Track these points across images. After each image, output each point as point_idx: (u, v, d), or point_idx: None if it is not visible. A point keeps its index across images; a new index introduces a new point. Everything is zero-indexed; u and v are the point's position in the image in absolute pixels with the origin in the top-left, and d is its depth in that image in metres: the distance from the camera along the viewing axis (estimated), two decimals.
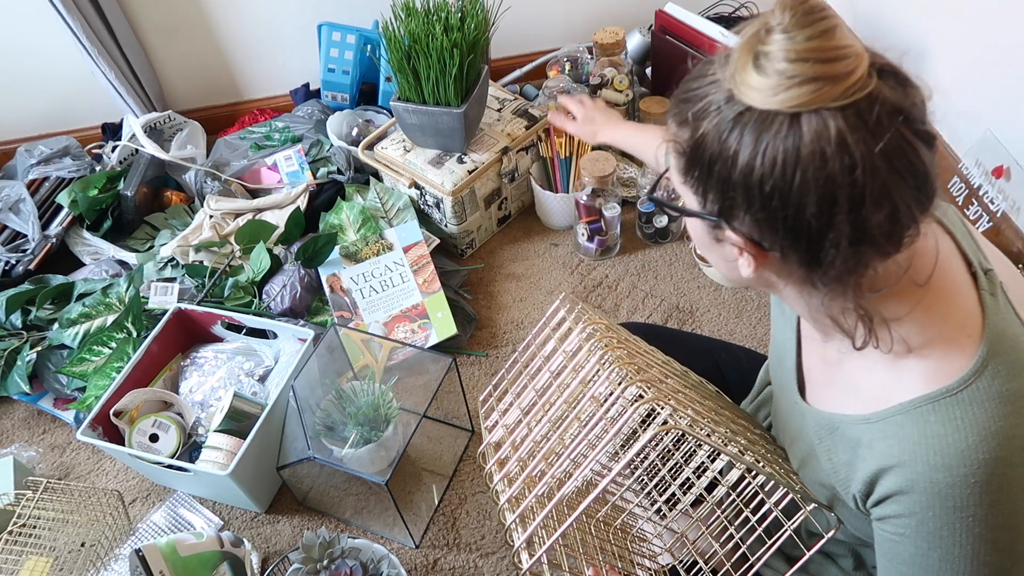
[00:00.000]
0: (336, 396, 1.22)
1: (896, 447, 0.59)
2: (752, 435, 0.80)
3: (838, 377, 0.69)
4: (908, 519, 0.60)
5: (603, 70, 1.74)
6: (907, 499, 0.59)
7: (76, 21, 1.72)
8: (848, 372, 0.67)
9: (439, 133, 1.53)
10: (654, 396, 0.66)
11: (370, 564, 1.10)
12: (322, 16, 1.88)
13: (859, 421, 0.64)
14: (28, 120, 2.00)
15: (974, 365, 0.58)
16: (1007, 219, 1.42)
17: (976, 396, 0.57)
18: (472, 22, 1.41)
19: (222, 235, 1.62)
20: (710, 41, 1.57)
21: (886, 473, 0.60)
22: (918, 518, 0.59)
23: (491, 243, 1.72)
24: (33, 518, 1.21)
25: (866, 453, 0.62)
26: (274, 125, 1.87)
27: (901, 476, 0.59)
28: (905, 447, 0.58)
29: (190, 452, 1.28)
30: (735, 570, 0.76)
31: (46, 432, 1.47)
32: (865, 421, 0.63)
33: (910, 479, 0.58)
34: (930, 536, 0.59)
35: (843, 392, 0.68)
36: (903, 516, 0.60)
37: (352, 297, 1.50)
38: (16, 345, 1.48)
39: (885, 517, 0.62)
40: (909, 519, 0.60)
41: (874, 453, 0.61)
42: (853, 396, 0.66)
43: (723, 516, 0.83)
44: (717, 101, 0.54)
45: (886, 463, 0.60)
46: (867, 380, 0.65)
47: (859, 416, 0.64)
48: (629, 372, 0.70)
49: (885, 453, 0.60)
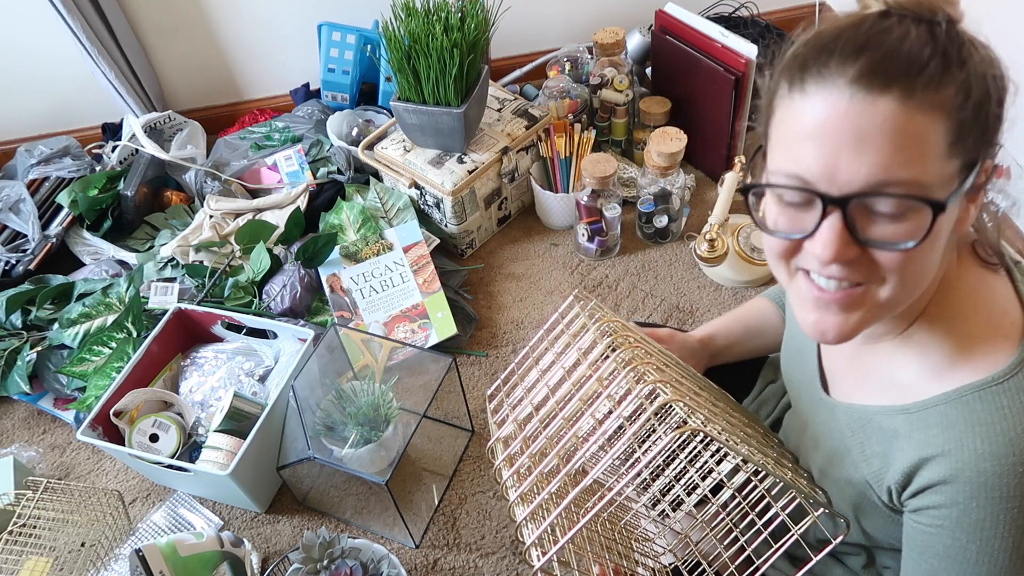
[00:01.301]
0: (336, 396, 1.22)
1: (940, 436, 0.58)
2: (761, 439, 0.80)
3: (869, 371, 0.68)
4: (948, 509, 0.59)
5: (603, 70, 1.74)
6: (949, 489, 0.58)
7: (76, 21, 1.72)
8: (881, 365, 0.67)
9: (439, 133, 1.53)
10: (673, 396, 0.65)
11: (370, 564, 1.10)
12: (322, 16, 1.88)
13: (896, 412, 0.63)
14: (28, 120, 2.00)
15: (1020, 353, 0.58)
16: (1007, 219, 1.42)
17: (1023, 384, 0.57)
18: (472, 22, 1.41)
19: (222, 235, 1.62)
20: (710, 41, 1.57)
21: (928, 463, 0.59)
22: (960, 508, 0.58)
23: (491, 243, 1.72)
24: (33, 518, 1.21)
25: (904, 444, 0.61)
26: (274, 125, 1.87)
27: (945, 465, 0.58)
28: (950, 436, 0.58)
29: (190, 452, 1.28)
30: (739, 572, 0.76)
31: (46, 432, 1.47)
32: (904, 412, 0.62)
33: (955, 468, 0.57)
34: (971, 527, 0.58)
35: (875, 385, 0.67)
36: (943, 507, 0.59)
37: (352, 297, 1.50)
38: (16, 345, 1.47)
39: (922, 508, 0.61)
40: (950, 509, 0.59)
41: (914, 443, 0.60)
42: (888, 388, 0.66)
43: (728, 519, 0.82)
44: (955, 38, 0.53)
45: (929, 453, 0.59)
46: (904, 371, 0.64)
47: (896, 407, 0.64)
48: (647, 371, 0.70)
49: (927, 443, 0.59)
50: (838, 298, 0.58)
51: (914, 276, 0.57)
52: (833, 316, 0.59)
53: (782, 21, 2.02)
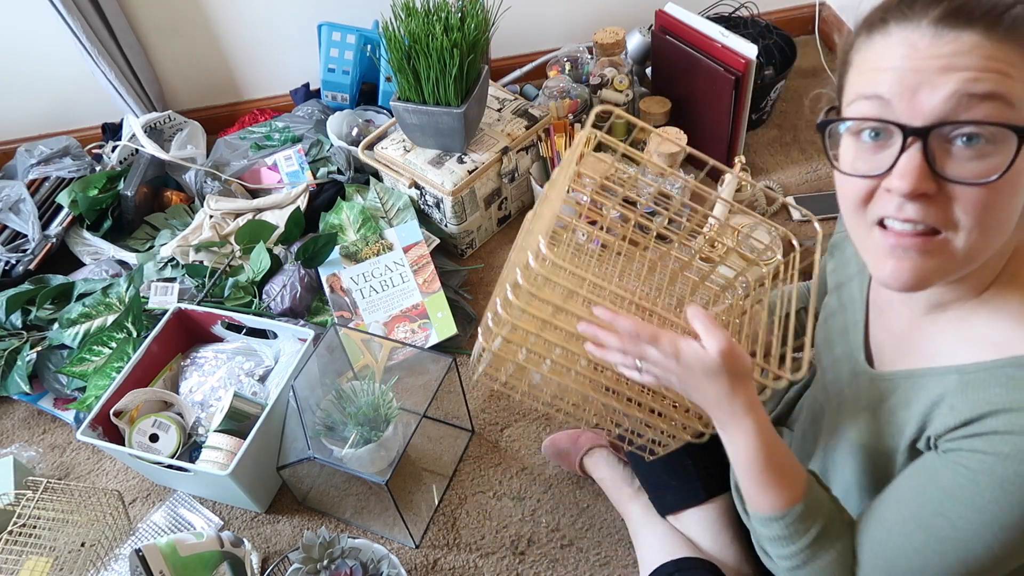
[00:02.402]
0: (336, 396, 1.22)
1: (1005, 395, 0.57)
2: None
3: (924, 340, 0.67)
4: (985, 456, 0.57)
5: (603, 70, 1.74)
6: (997, 439, 0.56)
7: (76, 21, 1.72)
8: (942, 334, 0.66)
9: (439, 133, 1.53)
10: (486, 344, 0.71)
11: (370, 564, 1.10)
12: (322, 16, 1.88)
13: (949, 372, 0.62)
14: (28, 120, 2.00)
15: None
16: None
17: None
18: (472, 22, 1.41)
19: (222, 235, 1.62)
20: (710, 41, 1.57)
21: (987, 417, 0.57)
22: (998, 459, 0.56)
23: (491, 243, 1.72)
24: (33, 518, 1.21)
25: (955, 401, 0.60)
26: (274, 125, 1.87)
27: (1006, 419, 0.56)
28: (1016, 395, 0.56)
29: (190, 452, 1.28)
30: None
31: (46, 432, 1.47)
32: (959, 372, 0.61)
33: (1013, 423, 0.55)
34: (998, 479, 0.56)
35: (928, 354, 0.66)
36: (979, 452, 0.57)
37: (352, 297, 1.50)
38: (16, 345, 1.48)
39: (955, 449, 0.60)
40: (986, 456, 0.57)
41: (968, 401, 0.59)
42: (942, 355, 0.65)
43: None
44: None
45: (990, 408, 0.57)
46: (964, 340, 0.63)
47: (949, 367, 0.62)
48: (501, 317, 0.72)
49: (988, 400, 0.57)
50: (916, 243, 0.57)
51: (992, 223, 0.55)
52: (910, 261, 0.58)
53: (782, 21, 2.02)
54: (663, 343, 0.67)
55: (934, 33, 0.53)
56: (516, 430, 1.36)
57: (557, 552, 1.20)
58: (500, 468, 1.31)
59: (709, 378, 0.67)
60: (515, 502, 1.27)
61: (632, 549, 1.13)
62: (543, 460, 1.31)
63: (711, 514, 1.01)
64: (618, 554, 1.18)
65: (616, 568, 1.17)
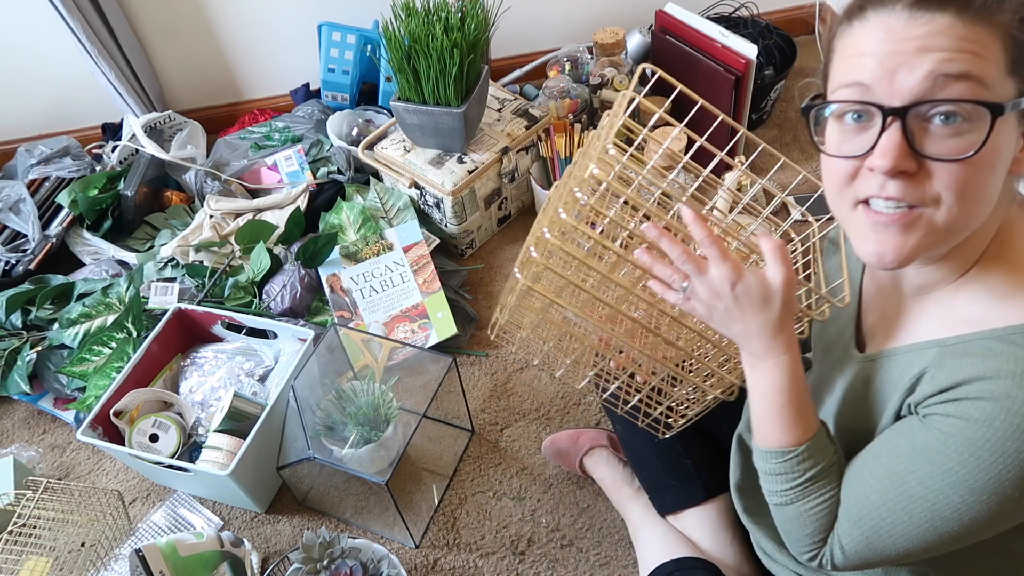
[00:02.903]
0: (336, 396, 1.22)
1: (980, 364, 0.58)
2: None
3: (913, 321, 0.69)
4: (957, 420, 0.58)
5: (603, 70, 1.74)
6: (971, 404, 0.57)
7: (76, 21, 1.72)
8: (928, 314, 0.67)
9: (439, 133, 1.53)
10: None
11: (370, 564, 1.10)
12: (322, 16, 1.88)
13: (930, 346, 0.63)
14: (28, 120, 2.00)
15: None
16: None
17: None
18: (472, 22, 1.41)
19: (222, 235, 1.62)
20: (710, 41, 1.57)
21: (962, 385, 0.58)
22: (968, 423, 0.57)
23: (491, 243, 1.72)
24: (33, 518, 1.21)
25: (935, 372, 0.61)
26: (274, 125, 1.87)
27: (979, 386, 0.57)
28: (991, 364, 0.57)
29: (190, 452, 1.28)
30: None
31: (46, 432, 1.47)
32: (940, 345, 0.63)
33: (987, 389, 0.57)
34: (967, 443, 0.57)
35: (914, 332, 0.68)
36: (952, 416, 0.59)
37: (352, 297, 1.50)
38: (16, 345, 1.48)
39: (934, 412, 0.61)
40: (958, 420, 0.58)
41: (946, 371, 0.60)
42: (927, 331, 0.66)
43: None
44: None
45: (966, 376, 0.58)
46: (946, 316, 0.65)
47: (930, 341, 0.64)
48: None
49: (965, 369, 0.59)
50: (896, 218, 0.59)
51: (971, 197, 0.57)
52: (892, 238, 0.60)
53: (782, 21, 2.02)
54: (728, 263, 0.67)
55: (909, 16, 0.55)
56: (516, 430, 1.36)
57: (557, 552, 1.20)
58: (500, 468, 1.31)
59: (764, 306, 0.67)
60: (515, 502, 1.27)
61: (632, 549, 1.13)
62: (543, 460, 1.31)
63: (711, 514, 1.01)
64: (618, 554, 1.18)
65: (616, 568, 1.17)
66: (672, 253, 0.68)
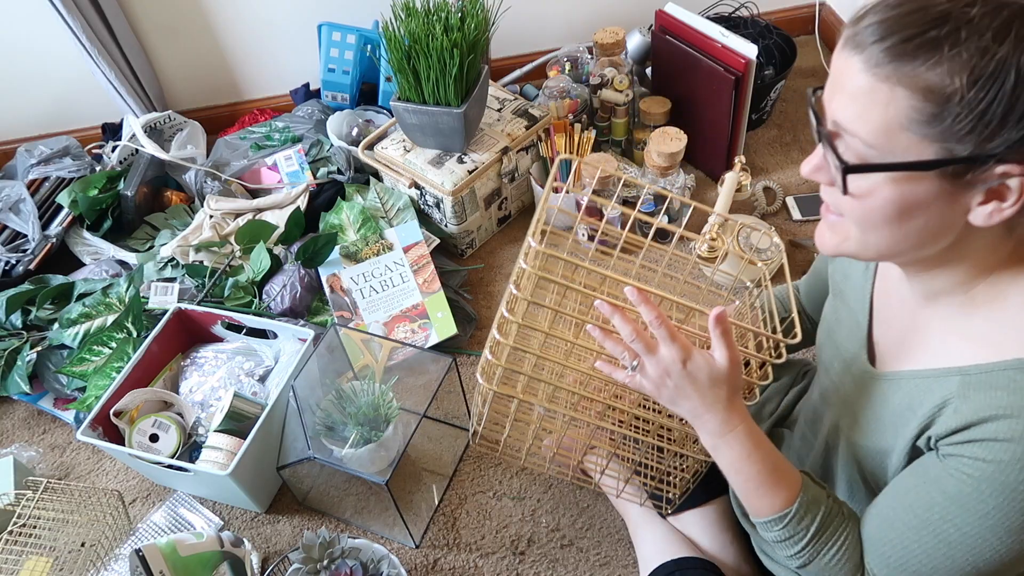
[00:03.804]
0: (336, 396, 1.22)
1: (1005, 399, 0.58)
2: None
3: (926, 338, 0.68)
4: (987, 464, 0.58)
5: (603, 70, 1.74)
6: (998, 447, 0.57)
7: (76, 21, 1.72)
8: (940, 329, 0.66)
9: (439, 133, 1.53)
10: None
11: (370, 564, 1.10)
12: (322, 16, 1.88)
13: (951, 374, 0.63)
14: (28, 120, 2.00)
15: None
16: None
17: None
18: (472, 22, 1.41)
19: (222, 235, 1.62)
20: (710, 41, 1.57)
21: (988, 422, 0.58)
22: (1000, 467, 0.57)
23: (491, 243, 1.72)
24: (33, 518, 1.21)
25: (959, 404, 0.61)
26: (274, 125, 1.87)
27: (1006, 425, 0.57)
28: (1016, 400, 0.57)
29: (190, 452, 1.28)
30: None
31: (46, 432, 1.47)
32: (961, 374, 0.62)
33: (1016, 430, 0.56)
34: (1002, 486, 0.57)
35: (930, 353, 0.67)
36: (982, 460, 0.58)
37: (352, 297, 1.50)
38: (16, 345, 1.48)
39: (958, 455, 0.61)
40: (989, 464, 0.58)
41: (971, 404, 0.60)
42: (944, 352, 0.65)
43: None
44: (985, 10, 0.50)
45: (990, 413, 0.58)
46: (964, 338, 0.64)
47: (951, 368, 0.63)
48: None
49: (989, 403, 0.58)
50: (824, 216, 0.66)
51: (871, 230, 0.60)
52: (823, 231, 0.66)
53: (782, 21, 2.02)
54: (677, 343, 0.69)
55: (841, 47, 0.57)
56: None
57: (557, 552, 1.20)
58: (500, 468, 1.31)
59: (712, 384, 0.70)
60: (515, 502, 1.27)
61: (632, 549, 1.14)
62: None
63: (711, 514, 1.02)
64: (618, 554, 1.18)
65: (616, 568, 1.17)
66: (623, 331, 0.71)
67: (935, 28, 0.51)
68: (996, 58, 0.49)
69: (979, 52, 0.50)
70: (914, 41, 0.51)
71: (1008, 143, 0.51)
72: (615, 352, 0.73)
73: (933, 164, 0.54)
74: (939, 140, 0.53)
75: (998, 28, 0.49)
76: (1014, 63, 0.49)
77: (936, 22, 0.51)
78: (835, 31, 2.04)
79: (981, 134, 0.51)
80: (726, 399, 0.71)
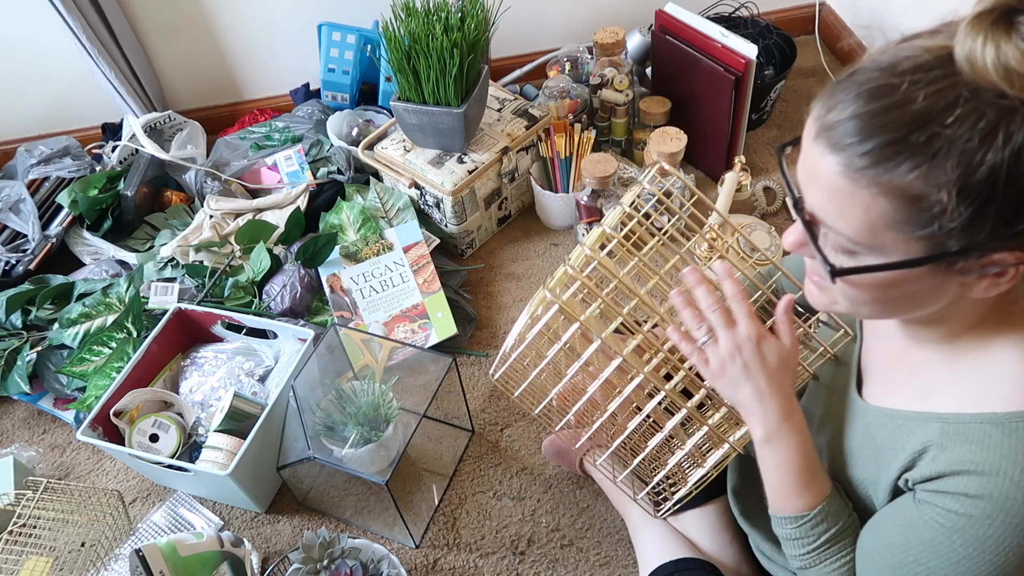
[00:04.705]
0: (336, 396, 1.22)
1: (979, 454, 0.58)
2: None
3: (911, 375, 0.68)
4: (959, 517, 0.59)
5: (603, 70, 1.74)
6: (970, 502, 0.58)
7: (76, 21, 1.72)
8: (925, 371, 0.66)
9: (439, 133, 1.53)
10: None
11: (370, 564, 1.10)
12: (322, 16, 1.88)
13: (931, 419, 0.63)
14: (28, 120, 2.00)
15: None
16: None
17: None
18: (472, 22, 1.41)
19: (222, 235, 1.62)
20: (710, 41, 1.57)
21: (960, 475, 0.59)
22: (972, 520, 0.58)
23: (491, 243, 1.72)
24: (33, 518, 1.21)
25: (937, 452, 0.61)
26: (274, 125, 1.86)
27: (976, 482, 0.58)
28: (989, 456, 0.58)
29: (190, 452, 1.28)
30: None
31: (46, 432, 1.47)
32: (940, 420, 0.62)
33: (985, 488, 0.57)
34: (972, 539, 0.59)
35: (914, 391, 0.67)
36: (954, 512, 0.59)
37: (352, 297, 1.50)
38: (16, 345, 1.48)
39: (932, 503, 0.61)
40: (960, 517, 0.59)
41: (948, 454, 0.60)
42: (926, 395, 0.65)
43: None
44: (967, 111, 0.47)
45: (963, 467, 0.59)
46: (947, 382, 0.64)
47: (932, 414, 0.63)
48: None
49: (963, 457, 0.59)
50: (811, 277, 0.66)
51: (858, 304, 0.60)
52: (812, 289, 0.66)
53: (782, 21, 2.02)
54: (755, 322, 0.69)
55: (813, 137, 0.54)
56: (516, 430, 1.36)
57: (557, 552, 1.20)
58: (500, 468, 1.31)
59: (779, 368, 0.70)
60: (515, 502, 1.27)
61: (632, 549, 1.14)
62: (543, 460, 1.31)
63: (710, 515, 1.02)
64: (618, 554, 1.18)
65: (616, 568, 1.17)
66: (705, 301, 0.70)
67: (915, 132, 0.48)
68: (985, 165, 0.47)
69: (967, 158, 0.47)
70: (895, 147, 0.49)
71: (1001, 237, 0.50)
72: (690, 322, 0.72)
73: (924, 260, 0.53)
74: (929, 238, 0.51)
75: (984, 132, 0.47)
76: (1003, 165, 0.47)
77: (915, 124, 0.48)
78: (835, 31, 2.04)
79: (971, 232, 0.50)
80: (790, 387, 0.70)
